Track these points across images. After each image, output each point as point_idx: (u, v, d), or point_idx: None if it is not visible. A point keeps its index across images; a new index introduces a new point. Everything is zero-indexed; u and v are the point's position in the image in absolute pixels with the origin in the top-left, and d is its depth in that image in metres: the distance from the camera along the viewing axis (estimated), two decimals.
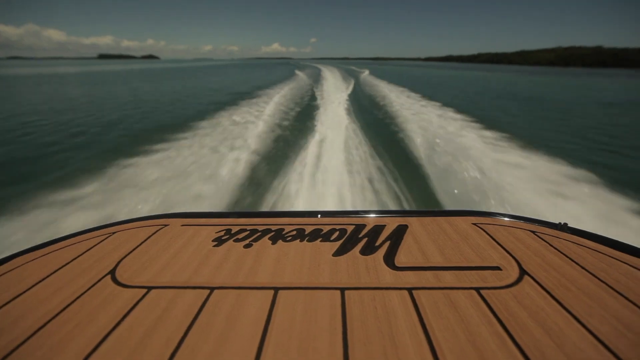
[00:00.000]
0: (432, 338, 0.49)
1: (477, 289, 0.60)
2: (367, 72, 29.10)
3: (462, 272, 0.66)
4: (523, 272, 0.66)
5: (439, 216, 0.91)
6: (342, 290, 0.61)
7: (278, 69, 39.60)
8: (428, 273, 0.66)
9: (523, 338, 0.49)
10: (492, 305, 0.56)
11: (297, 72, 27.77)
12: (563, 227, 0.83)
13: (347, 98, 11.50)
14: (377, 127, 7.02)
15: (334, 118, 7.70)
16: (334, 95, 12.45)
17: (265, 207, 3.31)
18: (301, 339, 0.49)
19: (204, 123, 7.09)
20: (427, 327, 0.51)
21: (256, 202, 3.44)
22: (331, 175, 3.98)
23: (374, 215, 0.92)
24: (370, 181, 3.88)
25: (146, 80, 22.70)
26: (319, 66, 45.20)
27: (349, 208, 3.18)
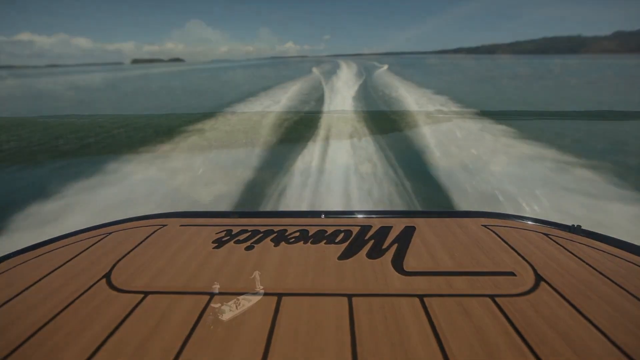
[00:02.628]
0: (447, 350, 0.41)
1: (492, 297, 0.51)
2: (386, 66, 26.52)
3: (474, 278, 0.56)
4: (539, 278, 0.56)
5: (447, 217, 0.80)
6: (349, 297, 0.52)
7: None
8: (439, 278, 0.56)
9: (544, 351, 0.40)
10: (508, 314, 0.47)
11: (313, 69, 26.37)
12: (577, 230, 0.72)
13: (356, 92, 10.94)
14: (385, 122, 6.52)
15: (341, 112, 7.34)
16: (343, 89, 11.85)
17: (267, 206, 2.96)
18: (307, 350, 0.41)
19: (213, 120, 6.96)
20: (441, 337, 0.43)
21: (258, 201, 3.05)
22: (336, 172, 3.67)
23: (380, 216, 0.82)
24: (376, 178, 3.50)
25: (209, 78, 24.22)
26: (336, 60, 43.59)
27: (353, 208, 2.86)
